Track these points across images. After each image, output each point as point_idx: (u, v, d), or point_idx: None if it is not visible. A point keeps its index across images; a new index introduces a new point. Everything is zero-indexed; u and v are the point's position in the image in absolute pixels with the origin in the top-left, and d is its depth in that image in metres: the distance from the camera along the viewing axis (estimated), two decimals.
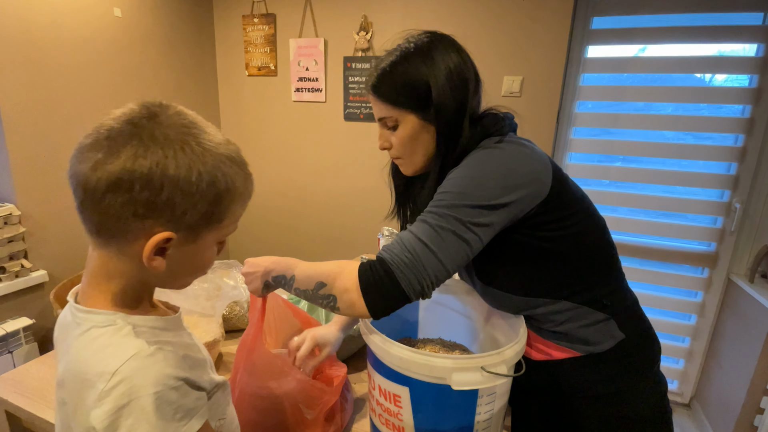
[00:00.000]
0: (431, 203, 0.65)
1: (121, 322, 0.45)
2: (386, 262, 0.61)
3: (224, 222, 0.48)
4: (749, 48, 1.71)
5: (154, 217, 0.42)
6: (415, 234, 0.62)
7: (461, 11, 1.96)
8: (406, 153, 0.74)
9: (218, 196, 0.45)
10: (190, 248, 0.46)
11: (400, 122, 0.71)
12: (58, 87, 1.67)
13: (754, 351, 1.61)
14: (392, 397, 0.68)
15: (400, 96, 0.69)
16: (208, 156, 0.44)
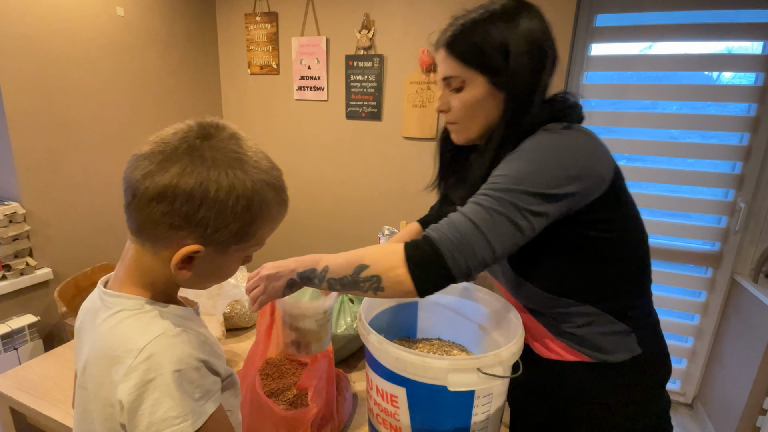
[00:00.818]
0: (486, 185, 0.62)
1: (149, 307, 0.49)
2: (433, 241, 0.60)
3: (252, 240, 0.51)
4: (756, 45, 1.69)
5: (188, 230, 0.46)
6: (466, 215, 0.60)
7: (464, 8, 1.95)
8: (464, 118, 0.70)
9: (251, 219, 0.48)
10: (216, 260, 0.50)
11: (468, 84, 0.67)
12: (61, 86, 1.68)
13: (757, 351, 1.60)
14: (389, 397, 0.68)
15: (475, 55, 0.65)
16: (248, 181, 0.47)
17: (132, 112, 2.01)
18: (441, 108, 0.72)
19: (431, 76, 2.04)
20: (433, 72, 2.04)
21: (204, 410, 0.45)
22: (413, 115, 2.13)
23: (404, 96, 2.13)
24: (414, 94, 2.10)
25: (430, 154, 2.41)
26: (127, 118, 1.98)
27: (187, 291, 1.03)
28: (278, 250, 2.72)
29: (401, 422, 0.69)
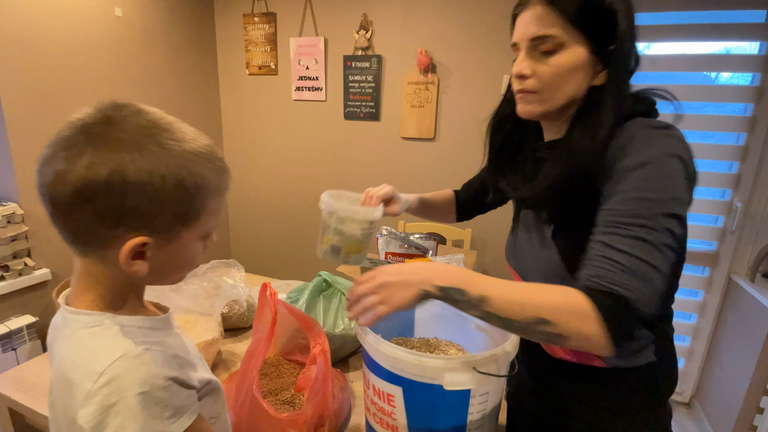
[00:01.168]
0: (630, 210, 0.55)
1: (109, 322, 0.45)
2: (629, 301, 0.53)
3: (202, 218, 0.47)
4: (753, 46, 1.70)
5: (124, 224, 0.42)
6: (640, 257, 0.54)
7: (461, 10, 1.95)
8: (550, 88, 0.61)
9: (189, 195, 0.44)
10: (170, 248, 0.46)
11: (566, 47, 0.59)
12: (60, 86, 1.68)
13: (754, 351, 1.61)
14: (386, 396, 0.69)
15: (583, 13, 0.57)
16: (170, 156, 0.42)
17: None
18: (522, 72, 0.62)
19: (429, 76, 2.05)
20: (431, 72, 2.05)
21: (176, 428, 0.44)
22: (411, 115, 2.14)
23: (402, 96, 2.13)
24: (412, 95, 2.10)
25: (429, 155, 2.43)
26: None
27: (176, 294, 1.03)
28: (278, 248, 2.72)
29: (398, 421, 0.69)
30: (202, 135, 0.47)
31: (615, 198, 0.57)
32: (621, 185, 0.56)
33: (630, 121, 0.60)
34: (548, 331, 0.54)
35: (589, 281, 0.55)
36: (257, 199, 2.70)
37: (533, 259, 0.72)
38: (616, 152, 0.58)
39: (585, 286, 0.55)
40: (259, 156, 2.61)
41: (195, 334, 0.96)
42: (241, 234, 2.82)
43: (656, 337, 0.70)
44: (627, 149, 0.57)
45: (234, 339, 1.15)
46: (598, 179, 0.60)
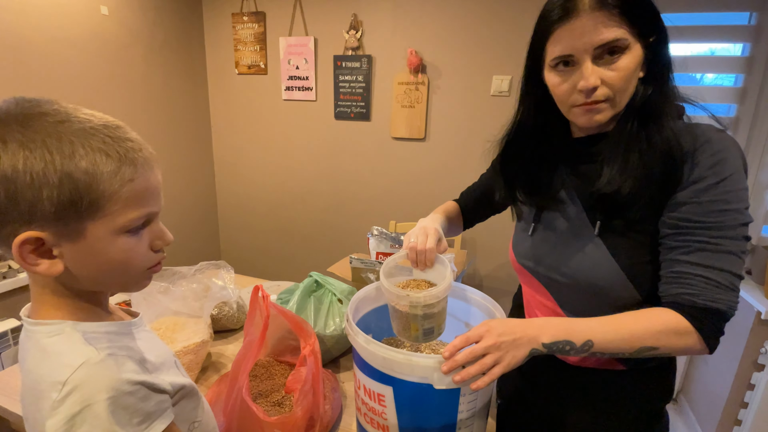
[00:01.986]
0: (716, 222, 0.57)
1: (70, 330, 0.44)
2: (725, 313, 0.58)
3: (111, 208, 0.42)
4: (736, 48, 1.73)
5: (7, 221, 0.39)
6: (730, 271, 0.57)
7: (451, 10, 1.96)
8: (619, 92, 0.60)
9: (71, 180, 0.39)
10: (81, 245, 0.42)
11: (630, 48, 0.58)
12: (44, 86, 1.65)
13: (737, 347, 1.64)
14: (376, 396, 0.69)
15: (636, 9, 0.57)
16: (38, 138, 0.39)
17: (117, 111, 1.98)
18: (594, 84, 0.59)
19: (419, 76, 2.05)
20: (421, 72, 2.05)
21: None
22: (402, 115, 2.14)
23: (393, 96, 2.14)
24: (402, 95, 2.11)
25: (419, 155, 2.43)
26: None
27: (164, 297, 1.02)
28: (268, 249, 2.71)
29: (388, 421, 0.69)
30: (100, 116, 0.43)
31: (699, 208, 0.58)
32: (706, 195, 0.57)
33: (692, 123, 0.62)
34: (654, 353, 0.58)
35: (684, 299, 0.58)
36: (247, 199, 2.68)
37: (577, 259, 0.68)
38: (690, 154, 0.59)
39: (678, 303, 0.58)
40: (249, 156, 2.59)
41: (184, 337, 0.95)
42: (231, 234, 2.80)
43: None
44: (704, 154, 0.58)
45: (224, 341, 1.14)
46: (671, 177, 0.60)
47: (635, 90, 0.61)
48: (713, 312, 0.57)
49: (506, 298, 0.98)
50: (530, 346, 0.58)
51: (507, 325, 0.59)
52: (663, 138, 0.60)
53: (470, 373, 0.58)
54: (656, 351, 0.58)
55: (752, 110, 1.71)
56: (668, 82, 0.62)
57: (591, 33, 0.57)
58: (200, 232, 2.67)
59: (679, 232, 0.59)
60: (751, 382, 1.62)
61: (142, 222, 0.45)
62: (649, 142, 0.60)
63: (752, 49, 1.68)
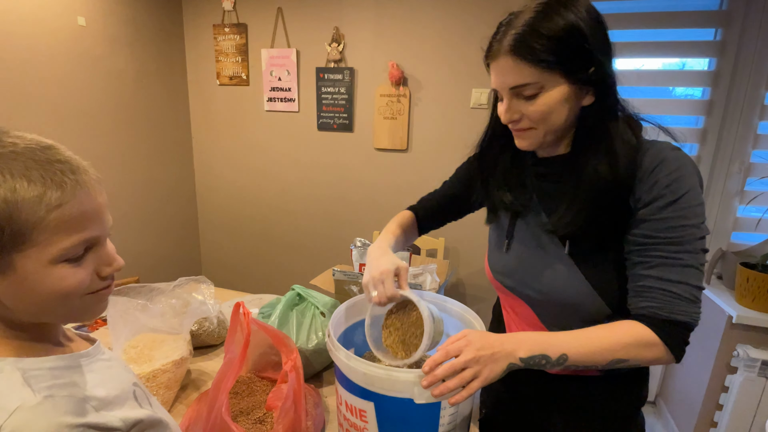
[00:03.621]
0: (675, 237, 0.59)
1: (9, 368, 0.41)
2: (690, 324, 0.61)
3: (38, 238, 0.39)
4: (703, 62, 1.81)
5: None
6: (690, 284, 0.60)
7: (431, 25, 2.00)
8: (544, 124, 0.63)
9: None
10: (12, 279, 0.40)
11: (546, 87, 0.60)
12: (22, 100, 1.62)
13: (711, 350, 1.69)
14: (358, 412, 0.69)
15: (552, 52, 0.57)
16: None
17: (96, 123, 1.95)
18: (512, 118, 0.64)
19: (401, 89, 2.08)
20: (402, 85, 2.08)
21: None
22: (384, 126, 2.16)
23: (375, 108, 2.16)
24: (384, 107, 2.13)
25: (402, 165, 2.45)
26: (91, 130, 1.92)
27: (141, 314, 1.00)
28: (250, 261, 2.68)
29: None
30: (29, 138, 0.41)
31: (658, 224, 0.60)
32: (665, 212, 0.60)
33: (647, 140, 0.64)
34: (625, 365, 0.61)
35: (648, 311, 0.61)
36: (229, 211, 2.65)
37: (549, 277, 0.71)
38: (647, 174, 0.61)
39: (644, 315, 0.61)
40: (231, 167, 2.57)
41: (162, 354, 0.94)
42: (212, 248, 2.76)
43: None
44: (660, 173, 0.60)
45: (204, 357, 1.12)
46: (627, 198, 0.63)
47: (577, 116, 0.64)
48: (676, 324, 0.60)
49: (489, 308, 0.99)
50: (508, 360, 0.60)
51: (486, 339, 0.61)
52: (612, 163, 0.62)
53: (449, 387, 0.59)
54: (627, 363, 0.61)
55: (719, 122, 1.79)
56: (613, 106, 0.64)
57: (506, 75, 0.61)
58: (181, 246, 2.62)
59: (642, 248, 0.62)
60: (725, 384, 1.67)
61: (82, 249, 0.42)
62: (596, 170, 0.63)
63: (718, 63, 1.76)
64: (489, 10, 1.89)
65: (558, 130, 0.65)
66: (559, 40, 0.57)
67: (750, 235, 1.84)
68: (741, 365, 1.60)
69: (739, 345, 1.62)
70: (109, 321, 0.91)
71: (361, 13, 2.08)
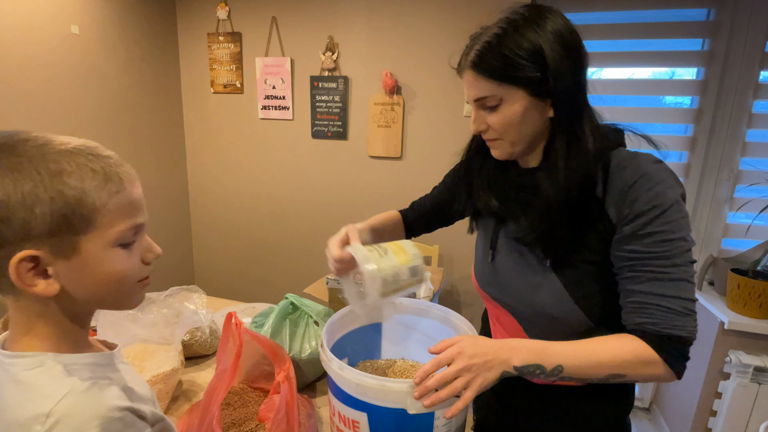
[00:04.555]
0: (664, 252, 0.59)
1: (51, 362, 0.43)
2: (688, 339, 0.60)
3: (101, 221, 0.43)
4: (691, 71, 1.85)
5: (2, 243, 0.40)
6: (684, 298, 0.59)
7: (425, 33, 2.02)
8: (509, 135, 0.66)
9: (62, 197, 0.41)
10: (76, 262, 0.43)
11: (506, 100, 0.63)
12: (11, 107, 1.61)
13: (704, 355, 1.70)
14: (351, 423, 0.68)
15: (509, 69, 0.61)
16: (24, 161, 0.40)
17: (89, 131, 1.94)
18: (479, 129, 0.68)
19: (394, 97, 2.10)
20: (396, 94, 2.10)
21: None
22: (378, 134, 2.17)
23: (369, 116, 2.17)
24: (378, 115, 2.14)
25: (396, 173, 2.46)
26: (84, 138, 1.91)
27: (132, 324, 0.99)
28: (244, 269, 2.66)
29: None
30: (76, 139, 0.45)
31: (645, 239, 0.60)
32: (650, 227, 0.59)
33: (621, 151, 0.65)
34: (622, 380, 0.61)
35: (645, 328, 0.60)
36: (222, 219, 2.64)
37: (533, 291, 0.71)
38: (628, 188, 0.61)
39: (642, 331, 0.60)
40: (224, 175, 2.56)
41: (153, 365, 0.92)
42: (205, 256, 2.74)
43: None
44: (641, 188, 0.60)
45: (196, 368, 1.11)
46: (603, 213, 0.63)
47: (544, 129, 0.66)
48: (674, 339, 0.59)
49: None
50: (501, 368, 0.59)
51: (479, 347, 0.60)
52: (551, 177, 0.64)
53: (440, 397, 0.58)
54: (624, 378, 0.60)
55: (708, 130, 1.82)
56: (572, 118, 0.64)
57: (470, 88, 0.66)
58: (173, 254, 2.60)
59: (632, 264, 0.61)
60: (718, 390, 1.68)
61: (132, 234, 0.47)
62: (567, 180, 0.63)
63: (706, 72, 1.79)
64: (481, 20, 1.91)
65: (524, 140, 0.67)
66: (515, 59, 0.61)
67: (740, 241, 1.86)
68: (734, 371, 1.61)
69: (732, 351, 1.63)
70: (99, 331, 0.90)
71: (355, 22, 2.10)
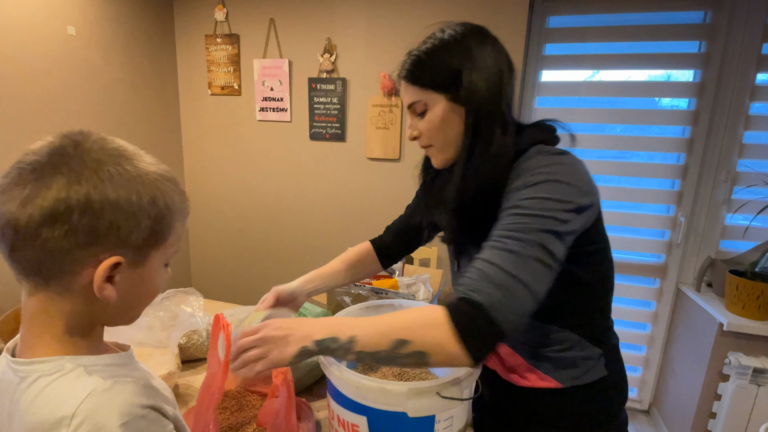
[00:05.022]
0: (511, 224, 0.59)
1: (70, 365, 0.43)
2: (483, 306, 0.54)
3: (169, 240, 0.48)
4: (687, 74, 1.85)
5: (99, 243, 0.41)
6: (503, 268, 0.56)
7: (422, 37, 2.02)
8: (436, 140, 0.72)
9: (160, 214, 0.45)
10: (138, 272, 0.46)
11: (429, 106, 0.70)
12: (13, 113, 1.59)
13: (703, 358, 1.70)
14: (350, 426, 0.67)
15: (431, 78, 0.69)
16: (143, 175, 0.44)
17: None
18: (412, 135, 0.74)
19: (393, 99, 2.09)
20: (395, 96, 2.09)
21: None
22: (377, 136, 2.17)
23: (367, 118, 2.16)
24: (377, 117, 2.14)
25: (395, 175, 2.45)
26: None
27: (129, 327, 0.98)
28: (242, 272, 2.64)
29: None
30: (159, 161, 0.49)
31: (504, 213, 0.62)
32: (507, 203, 0.62)
33: (533, 148, 0.67)
34: (410, 352, 0.55)
35: (455, 290, 0.61)
36: (220, 221, 2.62)
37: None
38: (514, 177, 0.65)
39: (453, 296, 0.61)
40: (222, 177, 2.55)
41: (149, 368, 0.91)
42: (202, 258, 2.72)
43: (605, 351, 0.73)
44: (521, 174, 0.63)
45: (192, 371, 1.10)
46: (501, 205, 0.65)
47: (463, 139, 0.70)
48: (470, 303, 0.55)
49: None
50: (301, 343, 0.58)
51: (285, 322, 0.61)
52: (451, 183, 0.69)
53: (236, 366, 0.60)
54: (411, 346, 0.55)
55: (705, 132, 1.82)
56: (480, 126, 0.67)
57: (403, 95, 0.74)
58: None
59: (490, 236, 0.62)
60: (717, 392, 1.68)
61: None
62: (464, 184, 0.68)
63: (703, 75, 1.80)
64: (479, 22, 1.91)
65: (451, 145, 0.71)
66: (437, 68, 0.69)
67: (738, 242, 1.86)
68: (733, 373, 1.61)
69: (731, 352, 1.63)
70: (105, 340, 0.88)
71: (354, 24, 2.10)
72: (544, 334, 0.71)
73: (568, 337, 0.70)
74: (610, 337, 0.76)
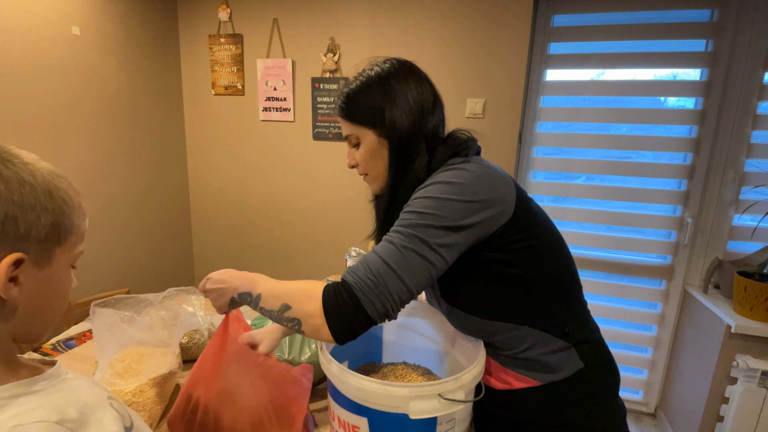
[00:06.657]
0: (397, 222, 0.66)
1: None
2: (350, 286, 0.61)
3: (72, 238, 0.46)
4: (695, 72, 1.83)
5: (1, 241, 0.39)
6: (379, 255, 0.63)
7: (426, 35, 2.01)
8: (370, 169, 0.78)
9: (58, 208, 0.44)
10: (44, 273, 0.43)
11: (361, 139, 0.76)
12: (18, 112, 1.60)
13: (710, 360, 1.67)
14: (351, 428, 0.66)
15: (359, 115, 0.74)
16: (34, 170, 0.42)
17: (90, 133, 1.93)
18: (350, 164, 0.80)
19: None
20: None
21: None
22: None
23: None
24: None
25: None
26: (84, 140, 1.90)
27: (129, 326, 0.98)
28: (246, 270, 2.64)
29: None
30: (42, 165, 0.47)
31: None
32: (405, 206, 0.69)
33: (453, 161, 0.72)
34: (290, 317, 0.64)
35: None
36: (222, 220, 2.62)
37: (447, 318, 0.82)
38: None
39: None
40: (225, 176, 2.55)
41: (150, 368, 0.91)
42: (205, 257, 2.73)
43: (575, 343, 0.72)
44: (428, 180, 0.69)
45: None
46: None
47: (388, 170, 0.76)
48: (343, 282, 0.63)
49: None
50: (230, 294, 0.71)
51: (223, 275, 0.73)
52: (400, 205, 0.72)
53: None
54: (291, 312, 0.64)
55: (712, 131, 1.80)
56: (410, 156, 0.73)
57: (342, 127, 0.79)
58: (173, 255, 2.59)
59: None
60: (725, 395, 1.65)
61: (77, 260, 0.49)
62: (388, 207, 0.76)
63: (710, 73, 1.77)
64: (483, 22, 1.91)
65: (383, 174, 0.77)
66: (365, 106, 0.73)
67: (746, 243, 1.84)
68: (741, 375, 1.58)
69: (739, 355, 1.60)
70: (95, 334, 0.88)
71: (357, 23, 2.09)
72: (498, 333, 0.73)
73: (529, 333, 0.71)
74: (581, 327, 0.75)
